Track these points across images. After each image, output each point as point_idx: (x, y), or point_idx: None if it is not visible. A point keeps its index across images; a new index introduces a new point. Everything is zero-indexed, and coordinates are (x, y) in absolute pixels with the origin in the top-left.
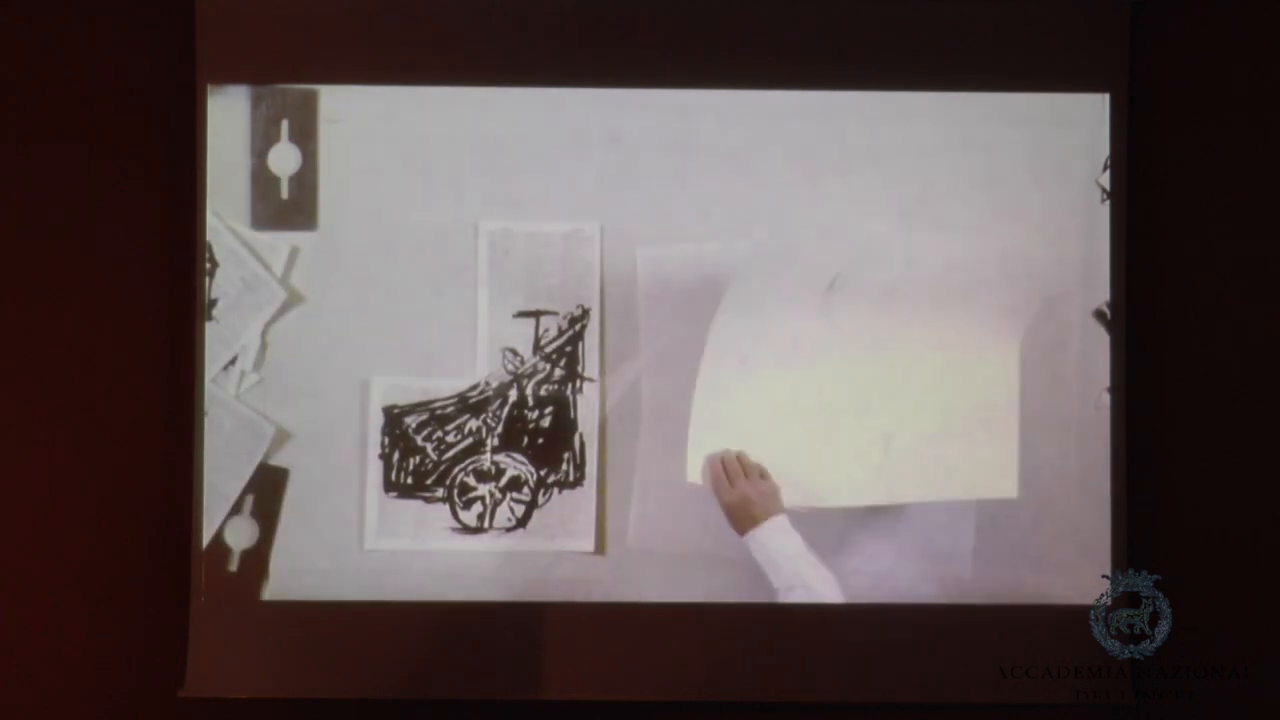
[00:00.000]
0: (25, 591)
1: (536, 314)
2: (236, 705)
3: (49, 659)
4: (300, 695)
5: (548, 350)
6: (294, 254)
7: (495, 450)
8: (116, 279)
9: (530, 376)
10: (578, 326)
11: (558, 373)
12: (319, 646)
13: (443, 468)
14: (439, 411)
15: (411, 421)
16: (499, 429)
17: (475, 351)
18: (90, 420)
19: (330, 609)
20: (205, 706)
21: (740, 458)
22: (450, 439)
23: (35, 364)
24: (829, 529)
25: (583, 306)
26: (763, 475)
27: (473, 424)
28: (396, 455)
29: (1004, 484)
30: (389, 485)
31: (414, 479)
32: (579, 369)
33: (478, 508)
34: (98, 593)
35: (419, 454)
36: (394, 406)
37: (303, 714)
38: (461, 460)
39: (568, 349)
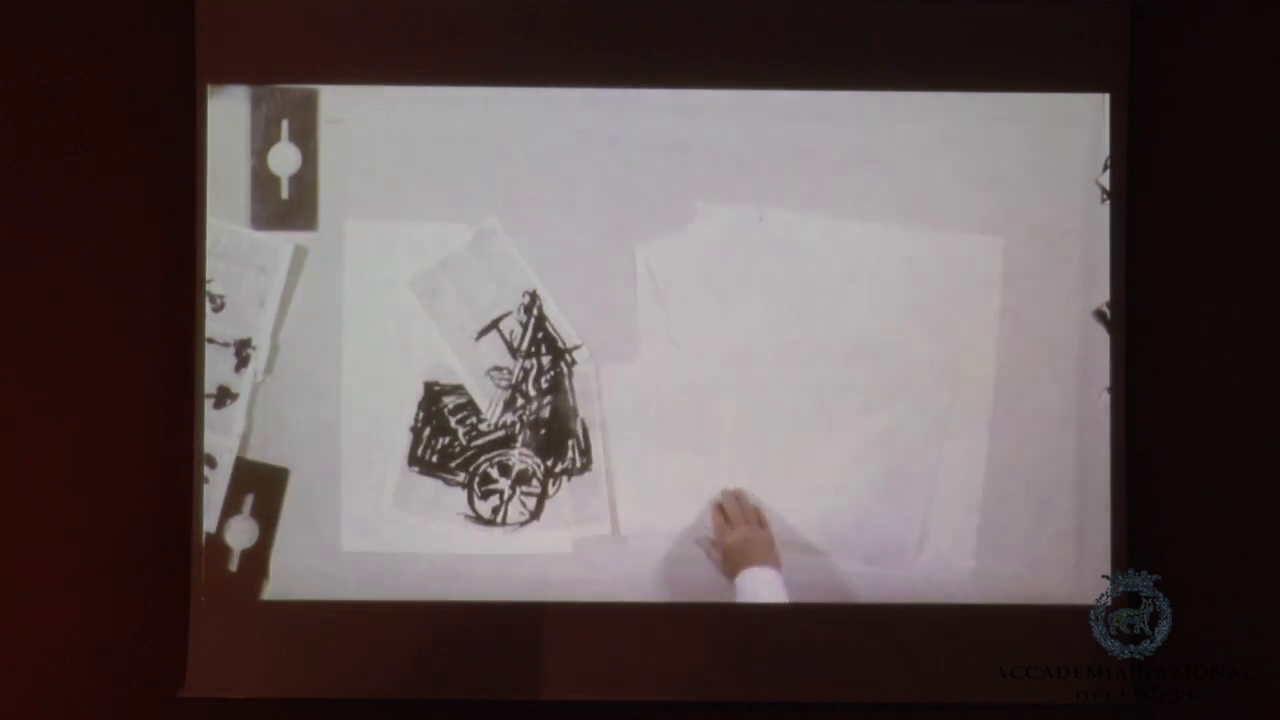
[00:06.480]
0: (25, 590)
1: (494, 324)
2: (236, 705)
3: (49, 659)
4: (300, 695)
5: (525, 348)
6: (294, 254)
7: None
8: (117, 279)
9: (525, 378)
10: (536, 310)
11: (545, 360)
12: (319, 646)
13: (469, 454)
14: (475, 400)
15: (449, 402)
16: (517, 429)
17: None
18: (90, 420)
19: (330, 609)
20: (205, 706)
21: (740, 499)
22: (483, 427)
23: (35, 364)
24: (830, 522)
25: (527, 292)
26: (761, 523)
27: (508, 418)
28: (428, 432)
29: (1004, 484)
30: (413, 459)
31: (439, 458)
32: (560, 345)
33: (494, 500)
34: (97, 593)
35: (449, 435)
36: (435, 383)
37: (303, 714)
38: (489, 451)
39: (539, 335)
